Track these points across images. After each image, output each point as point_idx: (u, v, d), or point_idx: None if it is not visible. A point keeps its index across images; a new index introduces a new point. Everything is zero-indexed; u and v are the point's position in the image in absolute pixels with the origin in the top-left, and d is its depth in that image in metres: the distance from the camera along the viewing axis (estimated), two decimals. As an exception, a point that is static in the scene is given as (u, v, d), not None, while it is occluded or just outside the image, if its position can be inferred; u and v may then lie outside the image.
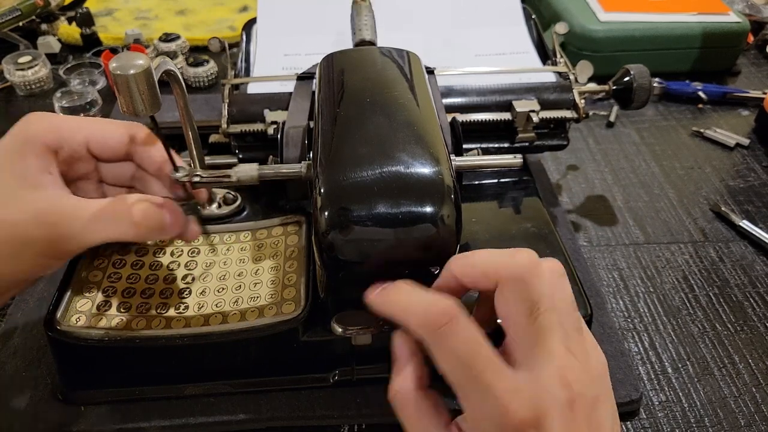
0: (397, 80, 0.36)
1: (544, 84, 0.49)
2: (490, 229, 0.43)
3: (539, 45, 0.56)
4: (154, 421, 0.36)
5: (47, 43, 0.74)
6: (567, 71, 0.50)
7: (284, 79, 0.50)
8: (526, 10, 0.59)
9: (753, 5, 0.79)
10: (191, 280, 0.38)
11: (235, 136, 0.46)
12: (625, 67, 0.49)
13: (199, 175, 0.34)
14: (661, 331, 0.44)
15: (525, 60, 0.54)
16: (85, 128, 0.33)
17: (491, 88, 0.49)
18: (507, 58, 0.54)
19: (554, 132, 0.49)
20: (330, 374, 0.38)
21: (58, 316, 0.35)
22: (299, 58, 0.54)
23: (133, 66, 0.26)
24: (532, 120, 0.47)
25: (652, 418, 0.38)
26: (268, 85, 0.49)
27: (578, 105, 0.48)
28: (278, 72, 0.52)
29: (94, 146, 0.33)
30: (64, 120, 0.33)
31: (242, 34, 0.57)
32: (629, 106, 0.49)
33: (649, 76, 0.48)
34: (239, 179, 0.34)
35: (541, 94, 0.49)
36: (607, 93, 0.50)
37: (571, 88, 0.49)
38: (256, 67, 0.53)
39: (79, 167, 0.34)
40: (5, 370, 0.39)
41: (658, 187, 0.57)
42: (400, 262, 0.29)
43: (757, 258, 0.49)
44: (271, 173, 0.35)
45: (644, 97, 0.48)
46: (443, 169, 0.30)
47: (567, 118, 0.48)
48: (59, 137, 0.32)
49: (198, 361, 0.36)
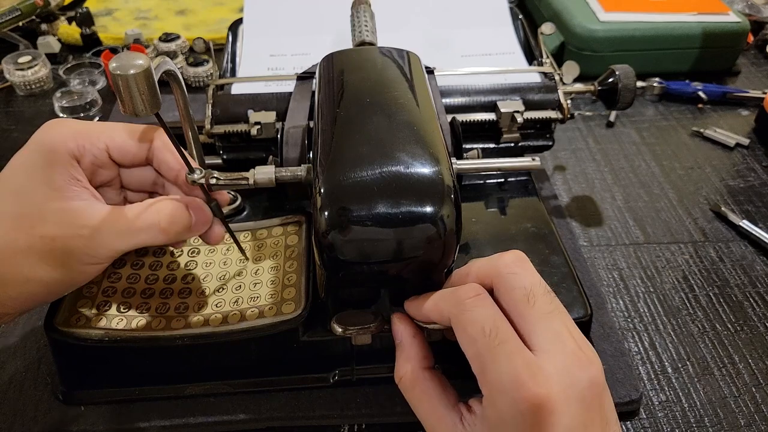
0: (397, 80, 0.36)
1: (529, 84, 0.49)
2: (490, 229, 0.43)
3: (526, 45, 0.56)
4: (154, 421, 0.36)
5: (47, 43, 0.74)
6: (553, 71, 0.50)
7: (268, 79, 0.50)
8: (513, 10, 0.59)
9: (753, 5, 0.79)
10: (191, 280, 0.38)
11: (219, 136, 0.46)
12: (611, 68, 0.49)
13: (216, 177, 0.33)
14: (661, 331, 0.44)
15: (511, 60, 0.54)
16: (106, 134, 0.33)
17: (476, 89, 0.49)
18: (493, 58, 0.54)
19: (540, 132, 0.49)
20: (330, 374, 0.38)
21: (58, 317, 0.35)
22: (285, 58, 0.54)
23: (133, 66, 0.26)
24: (517, 121, 0.47)
25: (652, 418, 0.38)
26: (252, 86, 0.49)
27: (563, 105, 0.48)
28: (264, 72, 0.52)
29: (114, 152, 0.33)
30: (84, 126, 0.32)
31: (228, 34, 0.56)
32: (615, 106, 0.49)
33: (635, 77, 0.48)
34: (256, 182, 0.34)
35: (526, 94, 0.49)
36: (593, 93, 0.50)
37: (556, 88, 0.49)
38: (242, 68, 0.53)
39: (101, 174, 0.34)
40: (5, 371, 0.39)
41: (658, 187, 0.57)
42: (400, 262, 0.29)
43: (757, 258, 0.49)
44: (289, 176, 0.34)
45: (629, 97, 0.48)
46: (443, 169, 0.30)
47: (552, 118, 0.48)
48: (81, 144, 0.32)
49: (198, 362, 0.36)
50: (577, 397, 0.25)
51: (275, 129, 0.45)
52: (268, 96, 0.47)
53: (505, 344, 0.26)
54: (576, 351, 0.26)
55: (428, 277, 0.31)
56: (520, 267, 0.28)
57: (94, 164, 0.33)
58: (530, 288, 0.27)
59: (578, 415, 0.25)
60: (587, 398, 0.25)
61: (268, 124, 0.45)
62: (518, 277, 0.28)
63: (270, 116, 0.46)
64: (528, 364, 0.25)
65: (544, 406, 0.24)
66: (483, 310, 0.27)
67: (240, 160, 0.46)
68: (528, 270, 0.28)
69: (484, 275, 0.29)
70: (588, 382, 0.25)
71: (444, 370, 0.35)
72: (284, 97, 0.47)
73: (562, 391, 0.25)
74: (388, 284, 0.32)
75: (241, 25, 0.57)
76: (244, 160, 0.47)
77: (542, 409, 0.24)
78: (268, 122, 0.45)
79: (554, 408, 0.24)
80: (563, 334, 0.26)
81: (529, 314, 0.27)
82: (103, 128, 0.33)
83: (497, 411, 0.25)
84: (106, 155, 0.33)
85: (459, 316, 0.27)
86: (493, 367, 0.26)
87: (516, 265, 0.28)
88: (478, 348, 0.26)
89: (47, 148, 0.31)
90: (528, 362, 0.25)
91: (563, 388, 0.25)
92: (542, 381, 0.25)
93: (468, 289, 0.28)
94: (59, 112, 0.64)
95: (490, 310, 0.27)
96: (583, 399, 0.25)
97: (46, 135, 0.31)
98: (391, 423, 0.37)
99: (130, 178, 0.35)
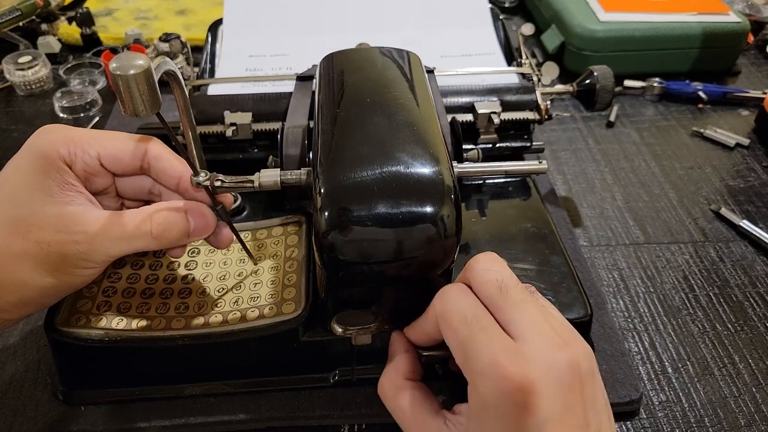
0: (397, 80, 0.36)
1: (507, 85, 0.49)
2: (490, 229, 0.43)
3: (506, 46, 0.56)
4: (154, 421, 0.36)
5: (47, 43, 0.74)
6: (531, 72, 0.50)
7: (245, 80, 0.50)
8: (493, 11, 0.59)
9: (753, 5, 0.79)
10: (191, 280, 0.38)
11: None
12: (589, 69, 0.49)
13: (221, 179, 0.33)
14: (661, 331, 0.44)
15: (490, 61, 0.54)
16: (98, 142, 0.33)
17: (454, 89, 0.49)
18: (473, 59, 0.54)
19: (517, 134, 0.49)
20: (330, 374, 0.38)
21: (58, 317, 0.35)
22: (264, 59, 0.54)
23: (133, 66, 0.26)
24: (494, 122, 0.46)
25: (652, 418, 0.38)
26: (229, 87, 0.49)
27: (540, 106, 0.48)
28: (242, 73, 0.52)
29: (106, 160, 0.33)
30: (76, 133, 0.32)
31: (208, 34, 0.56)
32: (593, 107, 0.49)
33: (612, 78, 0.49)
34: (261, 185, 0.34)
35: (504, 95, 0.49)
36: (572, 94, 0.50)
37: (534, 89, 0.49)
38: (220, 68, 0.53)
39: (95, 182, 0.33)
40: (5, 371, 0.39)
41: (658, 187, 0.57)
42: (400, 262, 0.29)
43: (757, 258, 0.49)
44: (294, 179, 0.34)
45: (607, 98, 0.49)
46: (443, 169, 0.30)
47: (529, 119, 0.48)
48: (72, 151, 0.32)
49: (198, 362, 0.36)
50: (556, 380, 0.26)
51: (251, 130, 0.45)
52: (245, 97, 0.47)
53: (485, 331, 0.27)
54: (552, 336, 0.27)
55: (428, 277, 0.31)
56: (491, 264, 0.30)
57: (86, 171, 0.32)
58: (502, 279, 0.29)
59: (558, 396, 0.25)
60: (566, 380, 0.26)
61: (243, 125, 0.45)
62: (489, 272, 0.29)
63: (246, 117, 0.46)
64: (506, 349, 0.26)
65: (524, 388, 0.25)
66: (464, 301, 0.28)
67: (216, 161, 0.46)
68: (500, 266, 0.30)
69: (462, 278, 0.30)
70: (566, 365, 0.26)
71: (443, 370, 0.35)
72: (261, 98, 0.47)
73: (541, 374, 0.25)
74: (388, 284, 0.32)
75: (221, 25, 0.57)
76: (221, 161, 0.46)
77: (523, 390, 0.25)
78: (243, 123, 0.45)
79: (534, 389, 0.25)
80: (538, 320, 0.27)
81: (504, 304, 0.28)
82: (95, 136, 0.33)
83: (480, 396, 0.26)
84: (97, 163, 0.33)
85: (443, 309, 0.29)
86: (474, 354, 0.26)
87: (487, 263, 0.30)
88: (460, 337, 0.27)
89: (40, 153, 0.31)
90: (506, 347, 0.26)
91: (542, 370, 0.26)
92: (521, 363, 0.25)
93: (451, 286, 0.30)
94: (59, 112, 0.64)
95: (471, 300, 0.28)
96: (562, 381, 0.26)
97: (38, 141, 0.31)
98: (391, 423, 0.37)
99: (125, 186, 0.35)
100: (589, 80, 0.49)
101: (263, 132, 0.46)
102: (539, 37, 0.76)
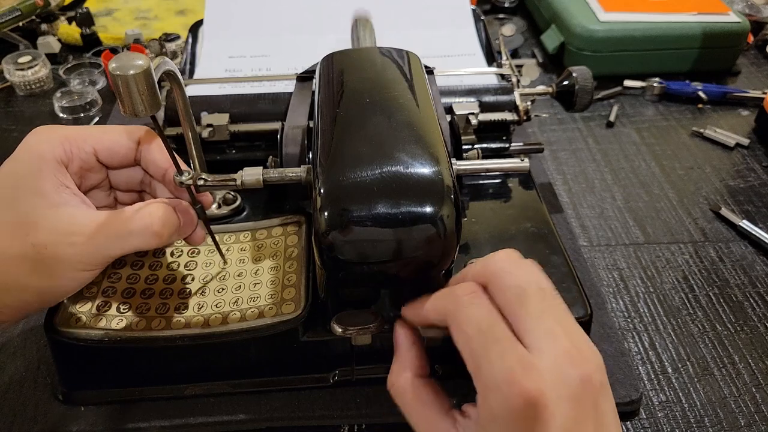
0: (396, 80, 0.36)
1: (485, 86, 0.49)
2: (490, 229, 0.43)
3: (487, 47, 0.56)
4: (154, 421, 0.36)
5: (47, 43, 0.74)
6: (511, 73, 0.50)
7: (223, 81, 0.49)
8: (475, 12, 0.59)
9: (753, 5, 0.79)
10: (191, 280, 0.38)
11: (172, 138, 0.45)
12: (568, 69, 0.49)
13: (204, 178, 0.33)
14: (661, 331, 0.44)
15: (471, 62, 0.54)
16: (93, 137, 0.33)
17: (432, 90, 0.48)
18: (453, 60, 0.54)
19: (496, 135, 0.49)
20: (330, 374, 0.38)
21: (58, 317, 0.35)
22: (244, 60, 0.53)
23: (133, 66, 0.26)
24: (471, 123, 0.46)
25: (652, 418, 0.38)
26: (207, 88, 0.49)
27: (519, 107, 0.48)
28: (221, 74, 0.52)
29: (102, 154, 0.33)
30: (71, 131, 0.33)
31: (188, 35, 0.56)
32: (572, 108, 0.49)
33: (591, 79, 0.48)
34: (244, 183, 0.34)
35: (482, 96, 0.48)
36: (551, 95, 0.50)
37: (512, 90, 0.49)
38: (199, 69, 0.53)
39: (90, 177, 0.34)
40: (5, 371, 0.39)
41: (658, 187, 0.57)
42: (400, 262, 0.29)
43: (757, 258, 0.49)
44: (276, 177, 0.34)
45: (586, 99, 0.48)
46: (443, 169, 0.30)
47: (507, 120, 0.48)
48: (68, 150, 0.32)
49: (198, 362, 0.36)
50: (569, 395, 0.25)
51: (227, 131, 0.45)
52: (222, 98, 0.47)
53: (500, 342, 0.26)
54: (569, 349, 0.26)
55: (428, 277, 0.31)
56: (513, 265, 0.28)
57: (82, 168, 0.33)
58: (523, 287, 0.27)
59: (570, 412, 0.25)
60: (579, 396, 0.25)
61: (220, 126, 0.45)
62: (511, 276, 0.28)
63: (223, 118, 0.46)
64: (521, 362, 0.25)
65: (536, 403, 0.24)
66: (479, 309, 0.27)
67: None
68: (521, 268, 0.28)
69: (479, 275, 0.29)
70: (579, 380, 0.25)
71: (444, 370, 0.35)
72: (238, 99, 0.47)
73: (554, 388, 0.25)
74: (388, 284, 0.32)
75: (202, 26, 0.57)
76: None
77: (534, 405, 0.24)
78: (220, 124, 0.45)
79: (546, 404, 0.24)
80: (556, 332, 0.26)
81: (522, 314, 0.27)
82: (89, 132, 0.33)
83: (490, 408, 0.25)
84: (94, 158, 0.33)
85: (455, 313, 0.28)
86: (487, 365, 0.26)
87: (508, 264, 0.28)
88: (473, 346, 0.26)
89: (35, 155, 0.31)
90: (521, 359, 0.25)
91: (555, 385, 0.25)
92: (535, 377, 0.25)
93: (465, 287, 0.28)
94: (59, 112, 0.64)
95: (486, 308, 0.27)
96: (575, 396, 0.25)
97: (34, 142, 0.31)
98: (391, 423, 0.37)
99: (119, 178, 0.35)
100: (568, 81, 0.49)
101: (240, 133, 0.46)
102: (539, 37, 0.76)
